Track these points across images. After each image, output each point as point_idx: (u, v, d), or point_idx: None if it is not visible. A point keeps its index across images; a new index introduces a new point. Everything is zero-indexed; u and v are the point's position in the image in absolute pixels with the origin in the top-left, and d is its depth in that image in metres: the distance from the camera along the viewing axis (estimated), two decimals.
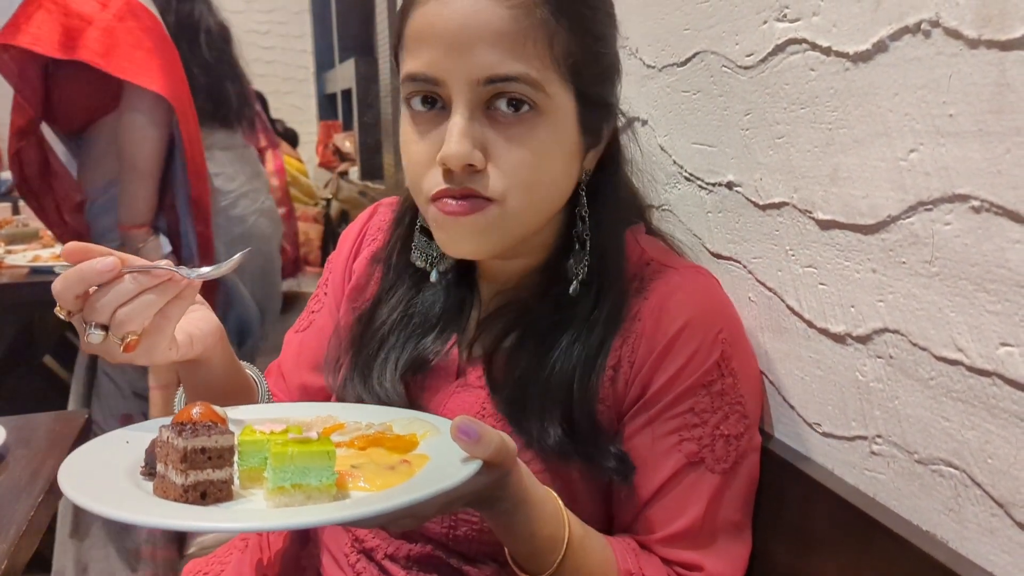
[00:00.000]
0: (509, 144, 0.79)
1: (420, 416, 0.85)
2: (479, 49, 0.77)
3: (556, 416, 0.83)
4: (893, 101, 0.70)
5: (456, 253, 0.86)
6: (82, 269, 0.74)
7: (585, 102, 0.83)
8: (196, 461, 0.67)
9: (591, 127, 0.85)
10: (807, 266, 0.83)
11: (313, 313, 1.07)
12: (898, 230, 0.71)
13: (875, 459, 0.77)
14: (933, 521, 0.70)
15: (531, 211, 0.83)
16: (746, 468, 0.85)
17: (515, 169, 0.80)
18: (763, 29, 0.87)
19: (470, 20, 0.76)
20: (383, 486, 0.70)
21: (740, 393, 0.84)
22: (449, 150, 0.78)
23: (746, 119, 0.92)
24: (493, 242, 0.84)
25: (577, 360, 0.84)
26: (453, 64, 0.78)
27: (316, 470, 0.67)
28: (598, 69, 0.84)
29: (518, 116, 0.79)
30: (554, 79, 0.79)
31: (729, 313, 0.88)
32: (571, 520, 0.80)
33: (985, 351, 0.63)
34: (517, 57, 0.77)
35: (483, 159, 0.79)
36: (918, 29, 0.67)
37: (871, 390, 0.76)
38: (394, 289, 0.97)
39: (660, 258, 0.90)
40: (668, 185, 1.11)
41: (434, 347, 0.92)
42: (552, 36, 0.78)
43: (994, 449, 0.63)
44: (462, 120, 0.78)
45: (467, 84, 0.78)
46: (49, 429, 1.30)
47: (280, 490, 0.66)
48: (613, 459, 0.83)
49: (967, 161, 0.63)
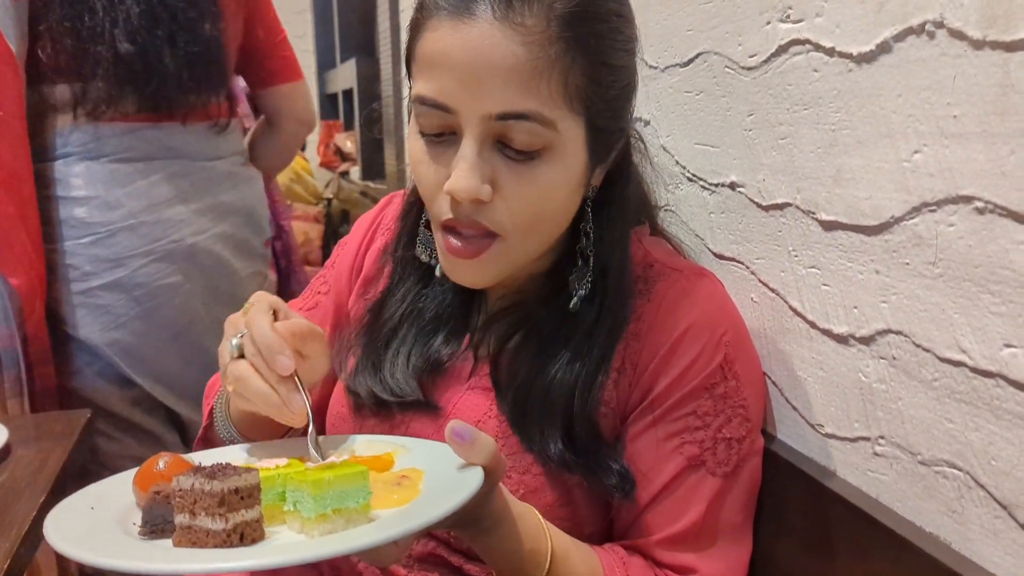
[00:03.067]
0: (517, 180, 0.79)
1: (378, 438, 0.85)
2: (492, 84, 0.75)
3: (557, 430, 0.83)
4: (897, 102, 0.70)
5: (460, 282, 0.87)
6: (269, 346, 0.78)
7: (595, 131, 0.82)
8: (232, 503, 0.64)
9: (599, 150, 0.84)
10: (810, 267, 0.83)
11: (319, 294, 1.07)
12: (901, 231, 0.71)
13: (878, 460, 0.76)
14: (936, 523, 0.70)
15: (532, 244, 0.84)
16: (748, 472, 0.85)
17: (521, 205, 0.80)
18: (766, 30, 0.87)
19: (485, 53, 0.75)
20: (401, 501, 0.70)
21: (743, 396, 0.84)
22: (457, 184, 0.78)
23: (749, 120, 0.92)
24: (496, 273, 0.85)
25: (578, 375, 0.84)
26: (465, 96, 0.77)
27: (353, 492, 0.66)
28: (611, 98, 0.82)
29: (528, 154, 0.79)
30: (566, 116, 0.78)
31: (733, 316, 0.88)
32: (553, 533, 0.79)
33: (989, 352, 0.63)
34: (530, 95, 0.76)
35: (491, 192, 0.79)
36: (922, 30, 0.67)
37: (874, 391, 0.76)
38: (401, 283, 0.97)
39: (664, 260, 0.90)
40: (671, 186, 1.11)
41: (448, 348, 0.92)
42: (567, 72, 0.77)
43: (998, 451, 0.63)
44: (472, 154, 0.78)
45: (478, 118, 0.77)
46: (50, 429, 1.30)
47: (322, 517, 0.65)
48: (615, 475, 0.83)
49: (971, 162, 0.63)
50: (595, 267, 0.87)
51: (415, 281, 0.97)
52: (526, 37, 0.75)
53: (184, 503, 0.65)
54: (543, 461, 0.84)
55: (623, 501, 0.84)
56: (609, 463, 0.83)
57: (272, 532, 0.68)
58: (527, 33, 0.75)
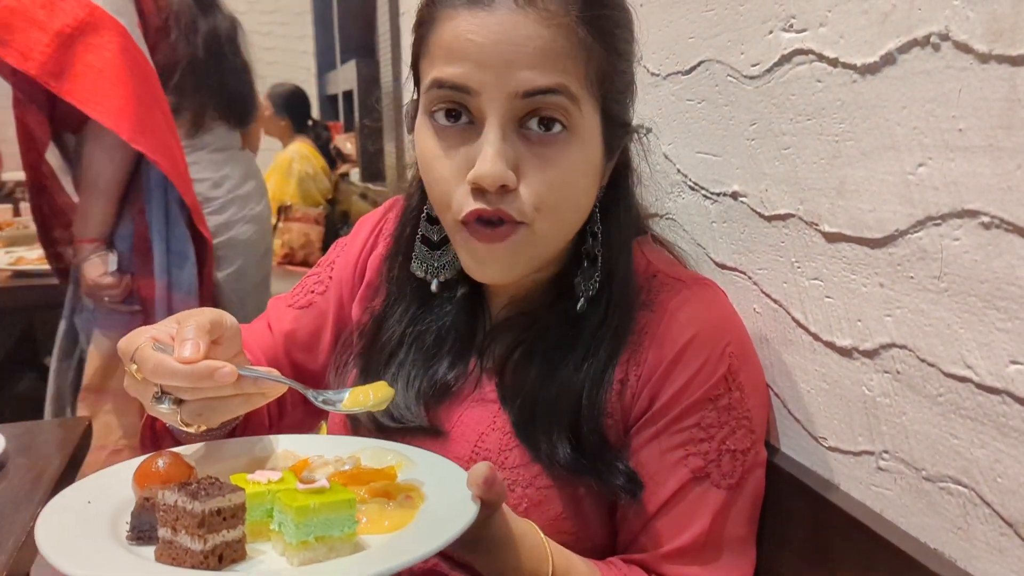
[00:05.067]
0: (541, 163, 0.78)
1: (385, 445, 0.84)
2: (520, 62, 0.75)
3: (564, 433, 0.83)
4: (901, 114, 0.69)
5: (483, 278, 0.85)
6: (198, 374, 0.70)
7: (608, 120, 0.82)
8: (213, 524, 0.63)
9: (611, 145, 0.84)
10: (813, 279, 0.83)
11: (313, 293, 1.04)
12: (906, 245, 0.70)
13: (882, 475, 0.76)
14: (941, 539, 0.69)
15: (558, 232, 0.83)
16: (752, 483, 0.84)
17: (546, 190, 0.79)
18: (769, 39, 0.87)
19: (510, 35, 0.75)
20: (393, 527, 0.69)
21: (747, 407, 0.83)
22: (484, 170, 0.76)
23: (751, 129, 0.91)
24: (521, 266, 0.83)
25: (585, 377, 0.84)
26: (490, 76, 0.76)
27: (339, 520, 0.65)
28: (621, 88, 0.84)
29: (550, 135, 0.78)
30: (587, 98, 0.79)
31: (736, 326, 0.87)
32: (554, 551, 0.79)
33: (995, 369, 0.62)
34: (559, 71, 0.76)
35: (515, 179, 0.78)
36: (927, 42, 0.66)
37: (878, 405, 0.75)
38: (398, 303, 0.95)
39: (666, 270, 0.89)
40: (672, 194, 1.10)
41: (454, 372, 0.91)
42: (588, 55, 0.77)
43: (1004, 468, 0.63)
44: (497, 139, 0.76)
45: (504, 97, 0.76)
46: (49, 437, 1.29)
47: (304, 545, 0.64)
48: (621, 476, 0.82)
49: (977, 176, 0.63)
50: (603, 269, 0.86)
51: (412, 300, 0.95)
52: (551, 20, 0.76)
53: (167, 518, 0.64)
54: (551, 469, 0.83)
55: (631, 503, 0.83)
56: (616, 464, 0.82)
57: (256, 551, 0.68)
58: (551, 17, 0.76)
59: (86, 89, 1.85)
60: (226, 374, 0.71)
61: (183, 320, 0.75)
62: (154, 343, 0.73)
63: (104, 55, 1.86)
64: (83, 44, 1.84)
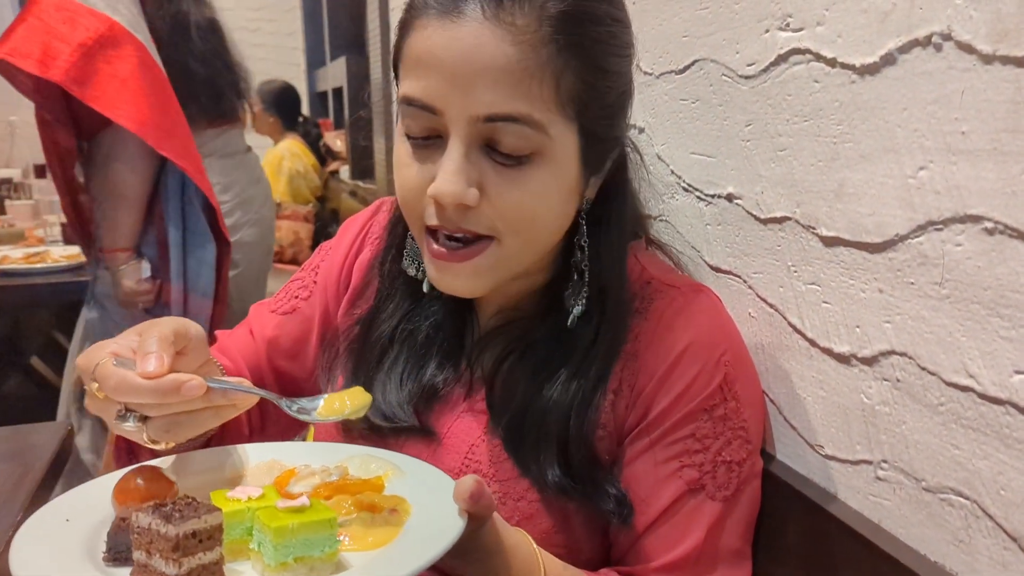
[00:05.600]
0: (507, 185, 0.76)
1: (373, 453, 0.82)
2: (481, 85, 0.73)
3: (553, 455, 0.81)
4: (902, 116, 0.68)
5: (448, 291, 0.83)
6: (161, 390, 0.66)
7: (589, 138, 0.79)
8: (188, 547, 0.61)
9: (593, 159, 0.81)
10: (810, 283, 0.81)
11: (297, 299, 1.02)
12: (906, 249, 0.68)
13: (880, 484, 0.74)
14: (942, 552, 0.68)
15: (528, 250, 0.81)
16: (748, 495, 0.83)
17: (512, 210, 0.77)
18: (765, 38, 0.85)
19: (474, 53, 0.72)
20: (376, 544, 0.68)
21: (743, 418, 0.81)
22: (441, 188, 0.75)
23: (747, 130, 0.89)
24: (488, 282, 0.81)
25: (574, 397, 0.82)
26: (453, 97, 0.74)
27: (319, 541, 0.64)
28: (606, 105, 0.80)
29: (517, 158, 0.76)
30: (557, 120, 0.75)
31: (732, 334, 0.85)
32: (546, 562, 0.77)
33: (998, 379, 0.61)
34: (520, 96, 0.73)
35: (477, 196, 0.75)
36: (929, 42, 0.64)
37: (877, 413, 0.74)
38: (390, 299, 0.94)
39: (661, 276, 0.87)
40: (666, 195, 1.08)
41: (443, 374, 0.89)
42: (559, 76, 0.74)
43: (1007, 481, 0.61)
44: (457, 156, 0.75)
45: (465, 119, 0.74)
46: (31, 442, 1.27)
47: (283, 566, 0.63)
48: (612, 500, 0.80)
49: (980, 181, 0.61)
50: (591, 284, 0.84)
51: (403, 297, 0.93)
52: (517, 37, 0.72)
53: (141, 541, 0.62)
54: (539, 488, 0.81)
55: (621, 527, 0.81)
56: (606, 488, 0.81)
57: (235, 572, 0.66)
58: (518, 33, 0.72)
59: (110, 97, 1.92)
60: (193, 387, 0.67)
61: (144, 332, 0.71)
62: (115, 358, 0.69)
63: (125, 66, 1.94)
64: (104, 56, 1.92)
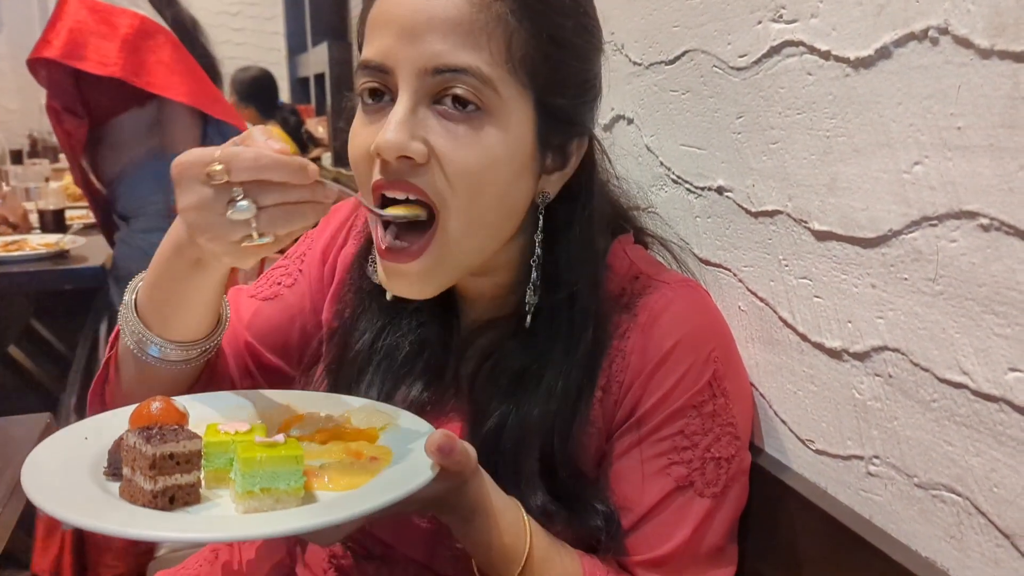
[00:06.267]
0: (454, 142, 0.74)
1: (378, 407, 0.83)
2: (429, 38, 0.73)
3: (535, 478, 0.80)
4: (896, 110, 0.67)
5: (401, 295, 0.81)
6: (297, 164, 0.68)
7: (545, 113, 0.78)
8: (165, 467, 0.66)
9: (552, 143, 0.79)
10: (801, 277, 0.80)
11: (279, 285, 0.99)
12: (900, 245, 0.68)
13: (871, 480, 0.74)
14: (933, 547, 0.68)
15: (473, 230, 0.78)
16: (735, 491, 0.82)
17: (457, 170, 0.74)
18: (757, 29, 0.84)
19: (423, 7, 0.73)
20: (348, 486, 0.70)
21: (732, 414, 0.81)
22: (383, 138, 0.73)
23: (738, 122, 0.88)
24: (436, 280, 0.80)
25: (555, 415, 0.80)
26: (402, 52, 0.74)
27: (285, 474, 0.67)
28: (561, 79, 0.78)
29: (465, 114, 0.74)
30: (509, 80, 0.74)
31: (721, 330, 0.84)
32: (534, 531, 0.77)
33: (992, 376, 0.61)
34: (469, 48, 0.73)
35: (424, 152, 0.74)
36: (925, 36, 0.64)
37: (868, 409, 0.73)
38: (365, 313, 0.91)
39: (649, 271, 0.86)
40: (655, 187, 1.07)
41: (430, 390, 0.87)
42: (510, 35, 0.74)
43: (1000, 478, 0.61)
44: (403, 109, 0.74)
45: (414, 72, 0.74)
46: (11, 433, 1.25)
47: (249, 494, 0.66)
48: (600, 517, 0.79)
49: (976, 177, 0.60)
50: (563, 290, 0.81)
51: (378, 310, 0.91)
52: None
53: (128, 458, 0.68)
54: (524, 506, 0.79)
55: (609, 543, 0.80)
56: (593, 504, 0.80)
57: (215, 495, 0.70)
58: None
59: (162, 80, 2.22)
60: (315, 169, 0.70)
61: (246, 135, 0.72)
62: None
63: (164, 53, 2.25)
64: (145, 47, 2.22)
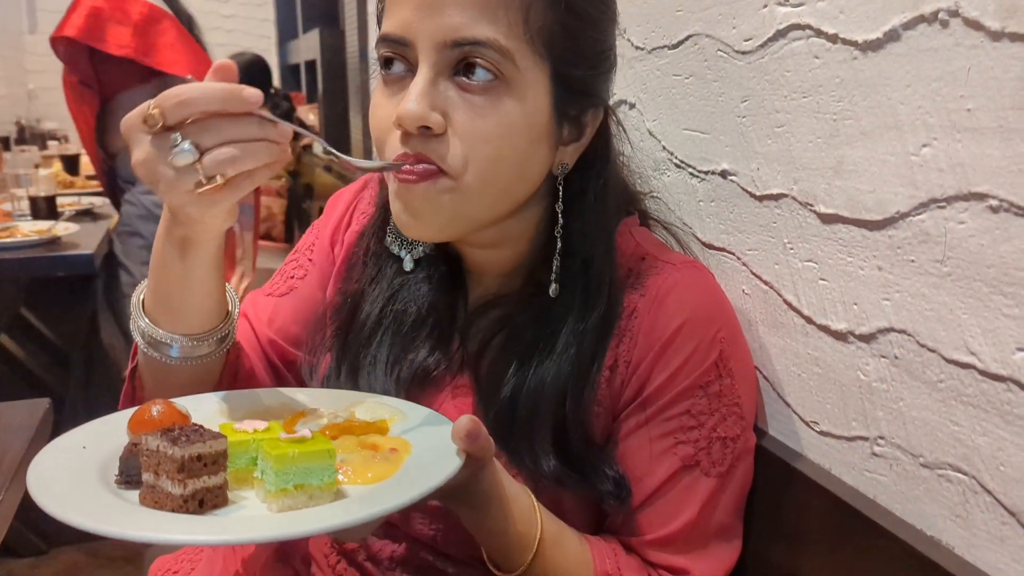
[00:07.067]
0: (472, 113, 0.75)
1: (383, 400, 0.83)
2: (448, 11, 0.73)
3: (548, 442, 0.80)
4: (905, 93, 0.67)
5: (410, 229, 0.80)
6: (225, 90, 0.66)
7: (562, 84, 0.78)
8: (193, 469, 0.64)
9: (568, 114, 0.80)
10: (807, 260, 0.81)
11: (294, 279, 1.00)
12: (907, 227, 0.68)
13: (876, 460, 0.75)
14: (939, 527, 0.69)
15: (491, 191, 0.78)
16: (741, 471, 0.83)
17: (475, 140, 0.75)
18: (763, 13, 0.84)
19: None
20: (374, 479, 0.70)
21: (737, 394, 0.81)
22: (404, 109, 0.74)
23: (743, 106, 0.89)
24: (447, 218, 0.78)
25: (568, 378, 0.81)
26: (422, 24, 0.74)
27: (318, 470, 0.66)
28: (578, 50, 0.79)
29: (483, 85, 0.75)
30: (526, 51, 0.75)
31: (727, 311, 0.85)
32: (544, 518, 0.78)
33: (1000, 356, 0.61)
34: (487, 21, 0.73)
35: (442, 123, 0.75)
36: (935, 18, 0.64)
37: (874, 390, 0.74)
38: (375, 281, 0.92)
39: (655, 252, 0.86)
40: (658, 172, 1.08)
41: (434, 357, 0.87)
42: (528, 6, 0.74)
43: (1007, 457, 0.62)
44: (423, 80, 0.75)
45: (433, 45, 0.74)
46: (9, 420, 1.24)
47: (283, 492, 0.65)
48: (610, 482, 0.80)
49: (985, 158, 0.61)
50: (569, 254, 0.83)
51: (390, 278, 0.91)
52: None
53: (150, 463, 0.65)
54: (533, 479, 0.80)
55: (618, 508, 0.81)
56: (604, 469, 0.80)
57: (240, 497, 0.68)
58: None
59: (171, 59, 2.50)
60: (254, 93, 0.66)
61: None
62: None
63: (170, 35, 2.54)
64: (154, 30, 2.52)
